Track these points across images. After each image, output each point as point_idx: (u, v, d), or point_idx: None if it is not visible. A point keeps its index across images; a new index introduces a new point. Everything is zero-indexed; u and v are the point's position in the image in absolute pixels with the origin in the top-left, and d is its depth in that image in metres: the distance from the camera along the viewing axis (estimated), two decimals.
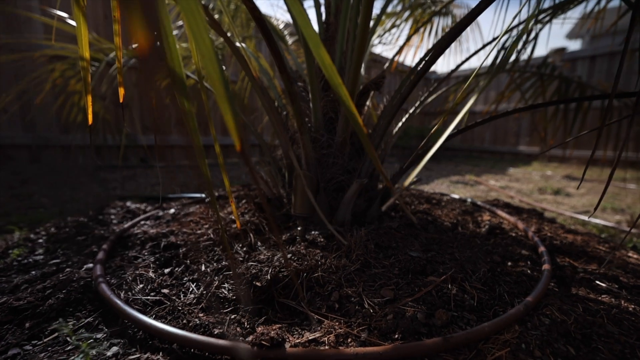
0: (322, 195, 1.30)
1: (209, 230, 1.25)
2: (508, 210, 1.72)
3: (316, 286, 0.86)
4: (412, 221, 1.38)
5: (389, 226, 1.29)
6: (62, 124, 3.74)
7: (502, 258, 1.14)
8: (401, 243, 1.18)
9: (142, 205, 1.74)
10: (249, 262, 0.95)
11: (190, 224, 1.35)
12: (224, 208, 1.56)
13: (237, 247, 1.10)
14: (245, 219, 1.31)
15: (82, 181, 3.08)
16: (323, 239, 1.21)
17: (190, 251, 1.08)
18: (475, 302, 0.83)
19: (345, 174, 1.33)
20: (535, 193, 3.17)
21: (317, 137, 1.32)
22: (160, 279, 0.92)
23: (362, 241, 1.11)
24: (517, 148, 5.27)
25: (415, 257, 1.07)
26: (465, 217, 1.53)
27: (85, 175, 3.41)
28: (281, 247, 1.08)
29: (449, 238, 1.26)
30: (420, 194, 1.94)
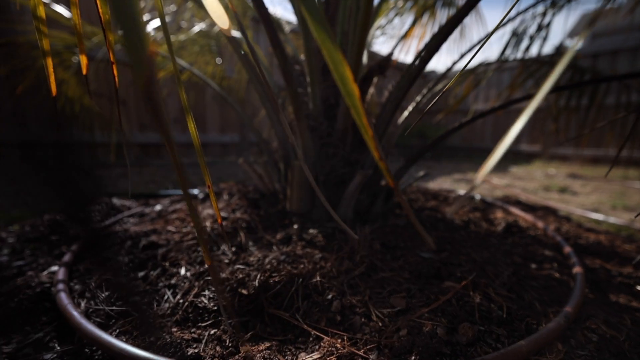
0: (321, 189, 1.15)
1: (194, 228, 1.10)
2: (520, 207, 1.57)
3: (314, 294, 0.71)
4: (420, 218, 1.23)
5: (396, 224, 1.15)
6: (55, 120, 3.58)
7: (524, 259, 0.99)
8: (410, 242, 1.03)
9: (128, 202, 1.59)
10: (236, 265, 0.80)
11: (176, 221, 1.20)
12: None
13: (224, 248, 0.95)
14: (235, 216, 1.16)
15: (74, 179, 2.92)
16: (322, 237, 1.06)
17: (171, 252, 0.93)
18: (505, 313, 0.68)
19: (347, 166, 1.18)
20: (541, 191, 3.02)
21: (315, 125, 1.17)
22: (131, 284, 0.77)
23: (367, 240, 0.97)
24: (518, 147, 5.13)
25: (427, 258, 0.92)
26: (477, 215, 1.38)
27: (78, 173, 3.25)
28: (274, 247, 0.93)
29: (462, 237, 1.11)
30: (426, 190, 1.79)
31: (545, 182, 3.53)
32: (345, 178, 1.19)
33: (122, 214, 1.36)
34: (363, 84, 1.26)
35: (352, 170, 1.18)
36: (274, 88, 1.49)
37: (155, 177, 2.96)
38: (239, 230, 1.08)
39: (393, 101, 1.15)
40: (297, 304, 0.68)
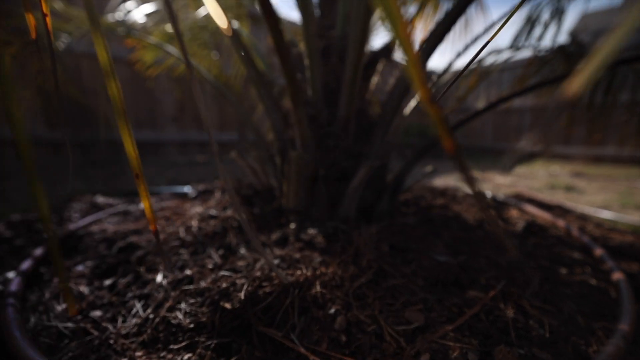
0: (321, 184, 1.02)
1: (179, 227, 0.96)
2: (534, 206, 1.44)
3: (313, 307, 0.57)
4: (430, 217, 1.10)
5: (404, 223, 1.01)
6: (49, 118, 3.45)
7: (551, 262, 0.86)
8: (421, 244, 0.90)
9: (112, 200, 1.45)
10: (221, 271, 0.67)
11: (161, 220, 1.07)
12: (206, 202, 1.27)
13: (210, 251, 0.82)
14: (226, 215, 1.03)
15: (66, 177, 2.79)
16: (322, 238, 0.92)
17: (150, 254, 0.79)
18: (546, 331, 0.55)
19: (350, 159, 1.04)
20: (546, 190, 2.89)
21: (315, 113, 1.04)
22: (94, 294, 0.63)
23: (373, 241, 0.83)
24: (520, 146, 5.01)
25: (443, 262, 0.79)
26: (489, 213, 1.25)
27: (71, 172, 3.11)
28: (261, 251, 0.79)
29: (479, 237, 0.98)
30: (432, 188, 1.66)
31: (550, 180, 3.40)
32: (347, 172, 1.05)
33: (104, 212, 1.23)
34: (367, 69, 1.13)
35: (356, 163, 1.05)
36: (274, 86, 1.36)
37: (149, 175, 2.82)
38: (229, 231, 0.94)
39: (400, 88, 1.01)
40: (292, 321, 0.55)
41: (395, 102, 0.99)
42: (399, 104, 0.98)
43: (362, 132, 1.09)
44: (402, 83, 1.01)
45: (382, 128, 1.01)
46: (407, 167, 1.13)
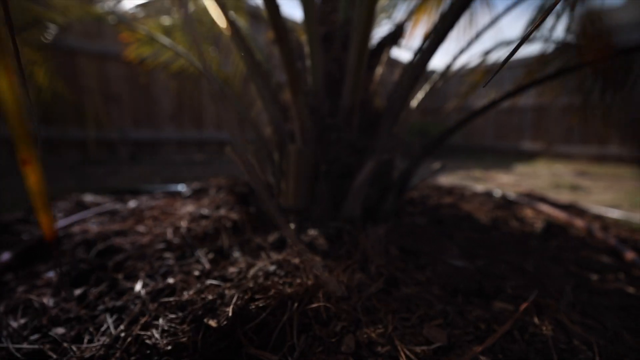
0: (322, 181, 0.93)
1: (167, 228, 0.87)
2: (548, 205, 1.34)
3: (316, 325, 0.48)
4: (440, 217, 1.01)
5: (413, 223, 0.92)
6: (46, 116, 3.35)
7: (580, 268, 0.76)
8: (433, 246, 0.80)
9: (101, 198, 1.36)
10: (209, 279, 0.57)
11: (149, 220, 0.97)
12: (199, 201, 1.18)
13: (199, 254, 0.72)
14: (219, 214, 0.93)
15: (59, 176, 2.69)
16: (325, 240, 0.83)
17: (130, 259, 0.69)
18: (596, 354, 0.45)
19: (354, 154, 0.95)
20: (552, 189, 2.80)
21: (316, 104, 0.94)
22: (59, 307, 0.54)
23: (382, 244, 0.74)
24: (521, 145, 4.91)
25: (460, 267, 0.69)
26: (503, 213, 1.16)
27: (66, 170, 3.02)
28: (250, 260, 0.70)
29: (495, 239, 0.88)
30: (439, 186, 1.57)
31: (554, 179, 3.31)
32: (351, 168, 0.96)
33: (89, 211, 1.13)
34: (372, 57, 1.03)
35: (360, 158, 0.95)
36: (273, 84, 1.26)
37: (145, 174, 2.73)
38: (221, 232, 0.85)
39: (409, 77, 0.92)
40: (291, 341, 0.45)
41: (403, 91, 0.90)
42: (408, 93, 0.88)
43: (366, 125, 0.99)
44: (411, 71, 0.92)
45: (389, 120, 0.92)
46: (415, 163, 1.04)
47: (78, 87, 3.50)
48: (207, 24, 2.14)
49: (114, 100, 3.73)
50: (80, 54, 3.49)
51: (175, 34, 1.98)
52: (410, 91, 0.88)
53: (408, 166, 1.04)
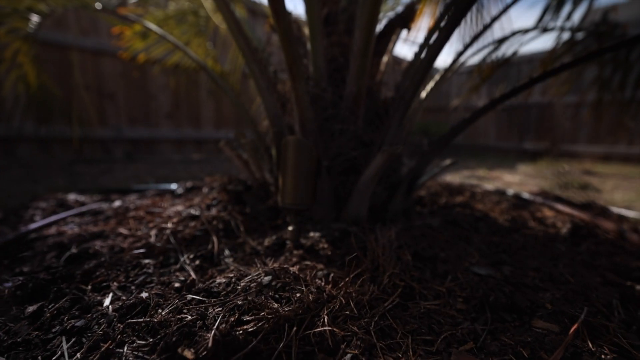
0: (325, 177, 0.83)
1: (151, 231, 0.77)
2: (566, 205, 1.25)
3: (320, 353, 0.38)
4: (454, 218, 0.91)
5: (426, 225, 0.82)
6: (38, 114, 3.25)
7: (618, 276, 0.66)
8: (451, 251, 0.71)
9: (87, 197, 1.26)
10: (190, 293, 0.47)
11: (132, 221, 0.87)
12: (190, 200, 1.08)
13: (184, 261, 0.62)
14: (210, 214, 0.83)
15: (50, 175, 2.59)
16: (328, 244, 0.73)
17: (103, 266, 0.60)
18: None
19: (360, 147, 0.85)
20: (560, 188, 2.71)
21: (317, 92, 0.85)
22: (4, 329, 0.44)
23: (393, 249, 0.64)
24: (524, 144, 4.81)
25: (485, 276, 0.60)
26: (520, 213, 1.06)
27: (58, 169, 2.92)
28: None
29: (518, 242, 0.79)
30: (447, 184, 1.47)
31: (561, 179, 3.22)
32: (357, 163, 0.86)
33: (70, 212, 1.03)
34: (379, 42, 0.94)
35: (367, 152, 0.85)
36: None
37: (140, 173, 2.63)
38: (211, 234, 0.75)
39: (423, 62, 0.82)
40: None
41: (417, 76, 0.80)
42: (422, 79, 0.78)
43: (373, 117, 0.90)
44: (424, 62, 0.81)
45: (400, 110, 0.82)
46: (426, 158, 0.94)
47: (72, 83, 3.40)
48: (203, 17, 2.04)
49: (109, 98, 3.63)
50: (73, 49, 3.38)
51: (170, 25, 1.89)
52: (424, 76, 0.78)
53: (418, 162, 0.95)
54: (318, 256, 0.68)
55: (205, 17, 2.02)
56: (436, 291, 0.54)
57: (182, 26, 1.99)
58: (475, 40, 1.06)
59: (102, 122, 3.57)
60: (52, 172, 2.70)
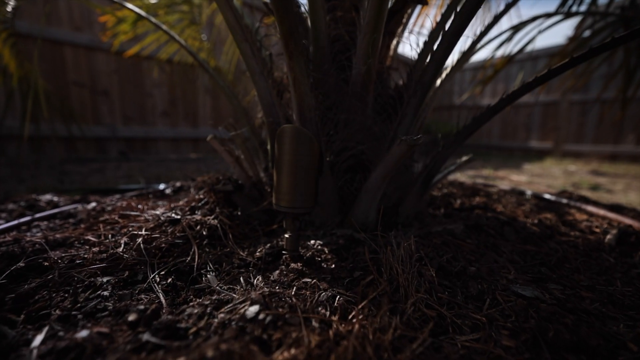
0: (328, 175, 0.70)
1: (122, 238, 0.64)
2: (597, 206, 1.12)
3: None
4: (475, 221, 0.78)
5: (447, 231, 0.69)
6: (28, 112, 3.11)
7: None
8: (481, 265, 0.58)
9: (61, 198, 1.13)
10: (148, 332, 0.34)
11: (104, 226, 0.75)
12: (174, 202, 0.95)
13: (154, 277, 0.49)
14: (194, 218, 0.71)
15: (38, 174, 2.46)
16: (330, 254, 0.61)
17: (46, 287, 0.47)
18: None
19: (368, 140, 0.72)
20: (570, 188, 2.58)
21: (318, 76, 0.72)
22: None
23: (412, 262, 0.51)
24: (528, 143, 4.68)
25: (531, 299, 0.47)
26: (548, 216, 0.94)
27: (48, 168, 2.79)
28: None
29: (555, 252, 0.66)
30: (461, 183, 1.34)
31: (570, 179, 3.09)
32: (365, 159, 0.73)
33: (39, 214, 0.90)
34: (391, 20, 0.81)
35: (377, 146, 0.73)
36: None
37: (132, 172, 2.51)
38: (192, 243, 0.62)
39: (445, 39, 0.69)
40: None
41: (440, 52, 0.67)
42: (445, 55, 0.65)
43: (383, 105, 0.77)
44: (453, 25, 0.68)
45: (417, 95, 0.69)
46: (445, 152, 0.81)
47: (65, 80, 3.27)
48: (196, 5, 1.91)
49: (103, 95, 3.50)
50: (67, 45, 3.25)
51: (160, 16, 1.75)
52: (449, 51, 0.65)
53: (434, 157, 0.82)
54: (320, 270, 0.55)
55: (198, 4, 1.89)
56: (473, 321, 0.42)
57: (173, 15, 1.85)
58: (497, 21, 0.93)
59: (96, 120, 3.44)
60: (41, 171, 2.58)
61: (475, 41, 0.92)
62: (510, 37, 1.38)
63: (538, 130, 4.58)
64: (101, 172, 2.62)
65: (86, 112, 3.42)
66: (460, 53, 0.92)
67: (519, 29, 1.28)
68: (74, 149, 3.39)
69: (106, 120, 3.52)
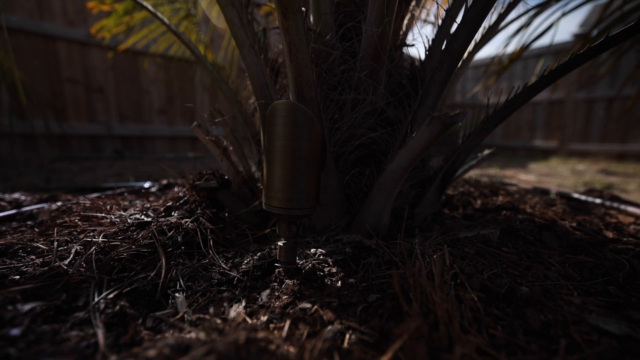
0: (332, 168, 0.56)
1: (75, 246, 0.50)
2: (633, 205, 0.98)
3: None
4: (508, 225, 0.64)
5: (481, 237, 0.55)
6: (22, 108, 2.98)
7: None
8: (528, 279, 0.44)
9: (29, 197, 1.00)
10: None
11: (61, 229, 0.61)
12: (151, 201, 0.81)
13: (99, 302, 0.36)
14: (169, 222, 0.57)
15: (27, 172, 2.33)
16: (336, 267, 0.47)
17: None
18: None
19: (381, 126, 0.59)
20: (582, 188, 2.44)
21: (320, 47, 0.58)
22: None
23: (448, 280, 0.37)
24: (532, 142, 4.53)
25: (621, 338, 0.33)
26: (585, 218, 0.79)
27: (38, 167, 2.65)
28: None
29: (618, 265, 0.52)
30: (477, 181, 1.20)
31: (581, 178, 2.95)
32: (376, 149, 0.59)
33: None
34: None
35: (391, 133, 0.59)
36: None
37: (124, 170, 2.37)
38: (160, 253, 0.48)
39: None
40: None
41: (474, 15, 0.53)
42: (479, 19, 0.51)
43: (398, 85, 0.63)
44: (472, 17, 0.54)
45: (444, 69, 0.55)
46: (469, 143, 0.67)
47: (58, 76, 3.13)
48: None
49: (98, 92, 3.36)
50: (61, 41, 3.11)
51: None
52: (480, 21, 0.51)
53: (455, 150, 0.68)
54: (324, 290, 0.41)
55: None
56: None
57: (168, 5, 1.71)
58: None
59: (91, 118, 3.30)
60: (30, 170, 2.44)
61: (503, 14, 0.78)
62: (537, 14, 1.23)
63: (542, 129, 4.43)
64: (92, 170, 2.49)
65: (81, 110, 3.28)
66: (483, 29, 0.78)
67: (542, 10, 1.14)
68: (68, 147, 3.26)
69: (101, 118, 3.38)
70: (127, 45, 1.80)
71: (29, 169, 2.53)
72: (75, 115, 3.26)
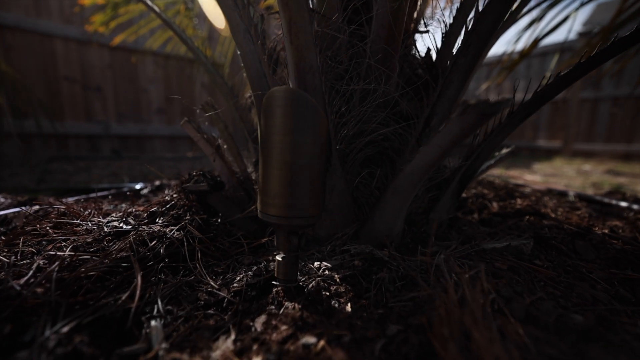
0: (338, 169, 0.48)
1: (38, 260, 0.42)
2: None
3: None
4: (538, 234, 0.57)
5: (512, 249, 0.47)
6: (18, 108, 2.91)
7: None
8: (577, 305, 0.36)
9: (7, 200, 0.92)
10: None
11: (30, 238, 0.53)
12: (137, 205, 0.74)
13: (52, 334, 0.28)
14: (152, 230, 0.49)
15: (20, 172, 2.25)
16: (344, 284, 0.39)
17: None
18: None
19: (394, 121, 0.51)
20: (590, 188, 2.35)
21: (325, 31, 0.50)
22: None
23: (487, 308, 0.30)
24: (536, 142, 4.44)
25: None
26: (617, 224, 0.72)
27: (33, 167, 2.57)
28: None
29: None
30: (490, 183, 1.12)
31: (588, 179, 2.86)
32: (389, 146, 0.52)
33: None
34: None
35: (406, 128, 0.51)
36: None
37: (120, 171, 2.29)
38: (136, 269, 0.41)
39: None
40: None
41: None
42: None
43: (415, 73, 0.55)
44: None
45: (469, 54, 0.47)
46: (493, 140, 0.59)
47: (55, 75, 3.05)
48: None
49: (96, 91, 3.28)
50: (58, 39, 3.04)
51: None
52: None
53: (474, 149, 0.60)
54: (331, 318, 0.33)
55: None
56: None
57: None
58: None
59: (88, 117, 3.22)
60: (25, 170, 2.37)
61: None
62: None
63: (546, 129, 4.34)
64: (87, 171, 2.41)
65: (78, 109, 3.20)
66: None
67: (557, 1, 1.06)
68: (65, 147, 3.18)
69: (99, 117, 3.31)
70: (121, 38, 1.71)
71: (23, 169, 2.46)
72: (72, 115, 3.18)
